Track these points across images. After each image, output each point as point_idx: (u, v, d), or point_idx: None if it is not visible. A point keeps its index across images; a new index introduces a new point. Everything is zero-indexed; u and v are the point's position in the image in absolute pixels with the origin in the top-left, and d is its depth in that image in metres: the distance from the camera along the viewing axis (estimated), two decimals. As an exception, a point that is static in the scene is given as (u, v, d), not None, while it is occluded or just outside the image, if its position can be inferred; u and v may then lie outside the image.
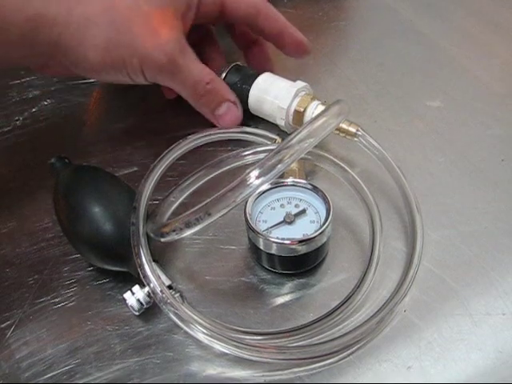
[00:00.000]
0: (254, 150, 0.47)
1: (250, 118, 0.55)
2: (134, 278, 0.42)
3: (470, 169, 0.51)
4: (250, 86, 0.53)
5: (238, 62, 0.56)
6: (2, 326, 0.42)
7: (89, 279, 0.45)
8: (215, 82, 0.51)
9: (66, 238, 0.44)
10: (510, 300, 0.42)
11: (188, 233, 0.39)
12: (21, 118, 0.58)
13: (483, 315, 0.41)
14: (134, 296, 0.41)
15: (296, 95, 0.52)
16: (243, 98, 0.54)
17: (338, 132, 0.49)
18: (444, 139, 0.53)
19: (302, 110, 0.51)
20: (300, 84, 0.53)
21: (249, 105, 0.54)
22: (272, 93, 0.53)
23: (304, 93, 0.52)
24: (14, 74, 0.63)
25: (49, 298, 0.44)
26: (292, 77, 0.53)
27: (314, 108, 0.51)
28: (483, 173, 0.50)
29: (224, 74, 0.55)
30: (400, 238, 0.46)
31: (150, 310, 0.42)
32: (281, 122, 0.53)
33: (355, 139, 0.48)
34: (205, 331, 0.38)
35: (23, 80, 0.62)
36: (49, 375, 0.40)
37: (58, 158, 0.47)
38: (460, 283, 0.43)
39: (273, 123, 0.54)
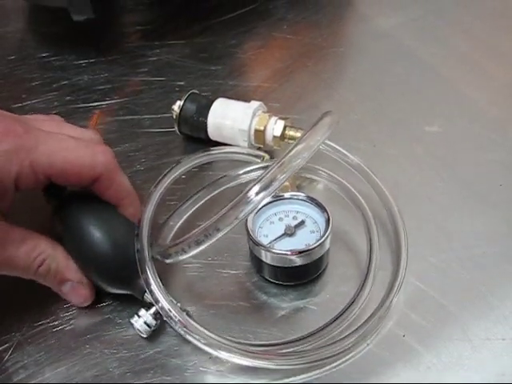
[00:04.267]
0: (247, 169, 0.49)
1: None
2: (133, 301, 0.42)
3: (468, 193, 0.51)
4: (206, 117, 0.54)
5: (194, 90, 0.56)
6: (0, 348, 0.42)
7: (88, 302, 0.45)
8: (50, 261, 0.42)
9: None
10: (510, 325, 0.42)
11: (195, 251, 0.39)
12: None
13: (483, 340, 0.41)
14: (141, 319, 0.41)
15: (254, 115, 0.53)
16: (202, 129, 0.55)
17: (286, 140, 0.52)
18: (442, 163, 0.54)
19: (262, 128, 0.52)
20: (255, 104, 0.54)
21: (209, 133, 0.55)
22: (230, 118, 0.53)
23: (260, 111, 0.54)
24: (16, 97, 0.63)
25: (48, 320, 0.44)
26: (289, 100, 0.54)
27: (274, 124, 0.52)
28: (482, 197, 0.51)
29: (181, 103, 0.55)
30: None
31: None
32: (244, 144, 0.54)
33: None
34: (213, 344, 0.39)
35: (25, 103, 0.63)
36: (46, 399, 0.40)
37: (52, 185, 0.45)
38: (459, 308, 0.43)
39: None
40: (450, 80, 0.63)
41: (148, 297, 0.41)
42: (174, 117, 0.55)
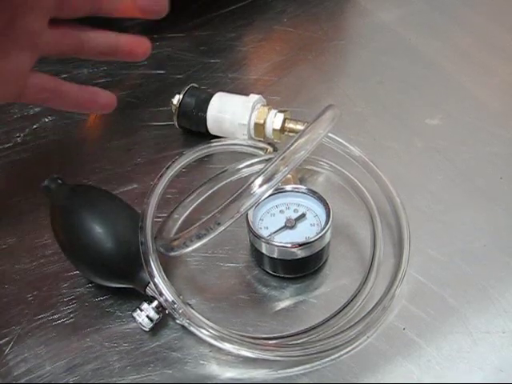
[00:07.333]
0: (250, 162, 0.48)
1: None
2: (133, 294, 0.42)
3: (468, 186, 0.51)
4: (205, 112, 0.54)
5: (193, 84, 0.56)
6: (1, 342, 0.42)
7: (88, 296, 0.45)
8: None
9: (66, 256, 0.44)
10: (510, 318, 0.42)
11: (198, 244, 0.39)
12: (22, 135, 0.58)
13: (483, 333, 0.41)
14: (144, 313, 0.41)
15: (253, 109, 0.53)
16: (201, 123, 0.54)
17: (287, 132, 0.52)
18: (443, 157, 0.54)
19: (262, 122, 0.52)
20: (254, 97, 0.54)
21: (208, 127, 0.55)
22: (229, 112, 0.53)
23: (260, 105, 0.54)
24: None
25: (48, 314, 0.44)
26: (290, 94, 0.54)
27: (273, 117, 0.52)
28: (482, 190, 0.51)
29: (180, 98, 0.54)
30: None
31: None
32: (244, 137, 0.54)
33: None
34: (217, 335, 0.39)
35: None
36: (47, 392, 0.40)
37: (52, 179, 0.45)
38: (460, 301, 0.43)
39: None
40: (451, 74, 0.63)
41: (150, 290, 0.41)
42: (173, 111, 0.55)
